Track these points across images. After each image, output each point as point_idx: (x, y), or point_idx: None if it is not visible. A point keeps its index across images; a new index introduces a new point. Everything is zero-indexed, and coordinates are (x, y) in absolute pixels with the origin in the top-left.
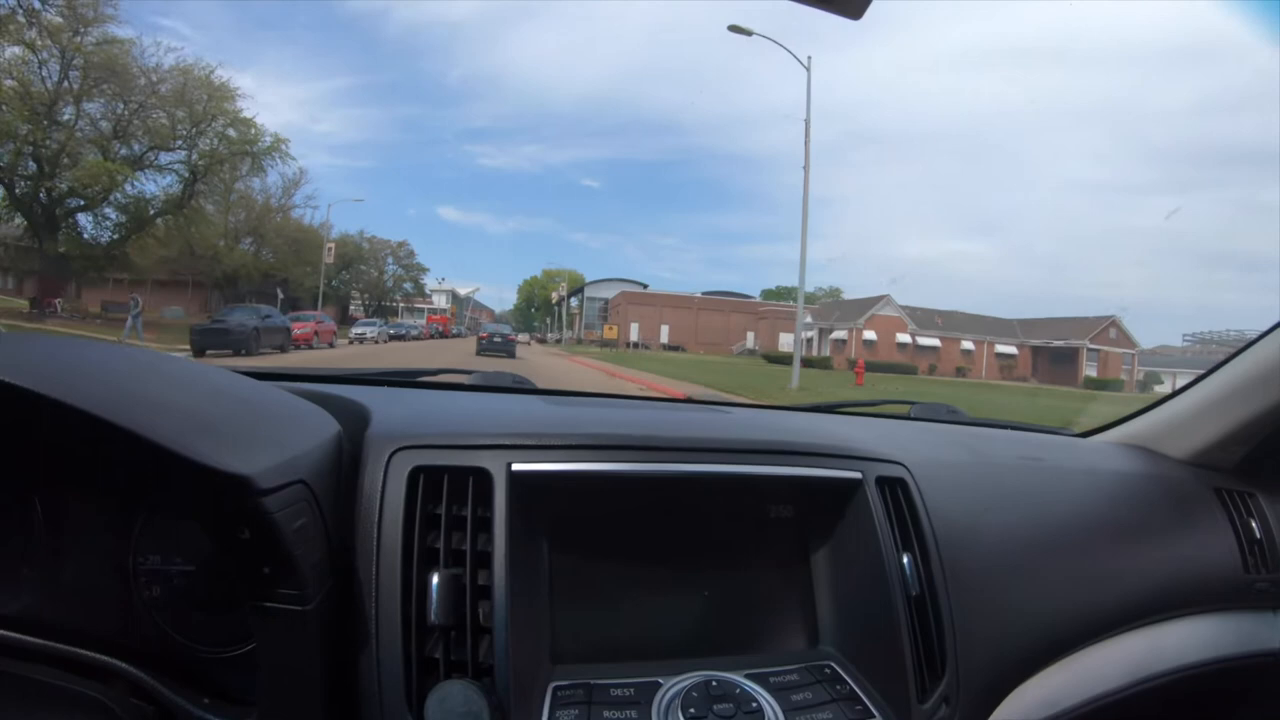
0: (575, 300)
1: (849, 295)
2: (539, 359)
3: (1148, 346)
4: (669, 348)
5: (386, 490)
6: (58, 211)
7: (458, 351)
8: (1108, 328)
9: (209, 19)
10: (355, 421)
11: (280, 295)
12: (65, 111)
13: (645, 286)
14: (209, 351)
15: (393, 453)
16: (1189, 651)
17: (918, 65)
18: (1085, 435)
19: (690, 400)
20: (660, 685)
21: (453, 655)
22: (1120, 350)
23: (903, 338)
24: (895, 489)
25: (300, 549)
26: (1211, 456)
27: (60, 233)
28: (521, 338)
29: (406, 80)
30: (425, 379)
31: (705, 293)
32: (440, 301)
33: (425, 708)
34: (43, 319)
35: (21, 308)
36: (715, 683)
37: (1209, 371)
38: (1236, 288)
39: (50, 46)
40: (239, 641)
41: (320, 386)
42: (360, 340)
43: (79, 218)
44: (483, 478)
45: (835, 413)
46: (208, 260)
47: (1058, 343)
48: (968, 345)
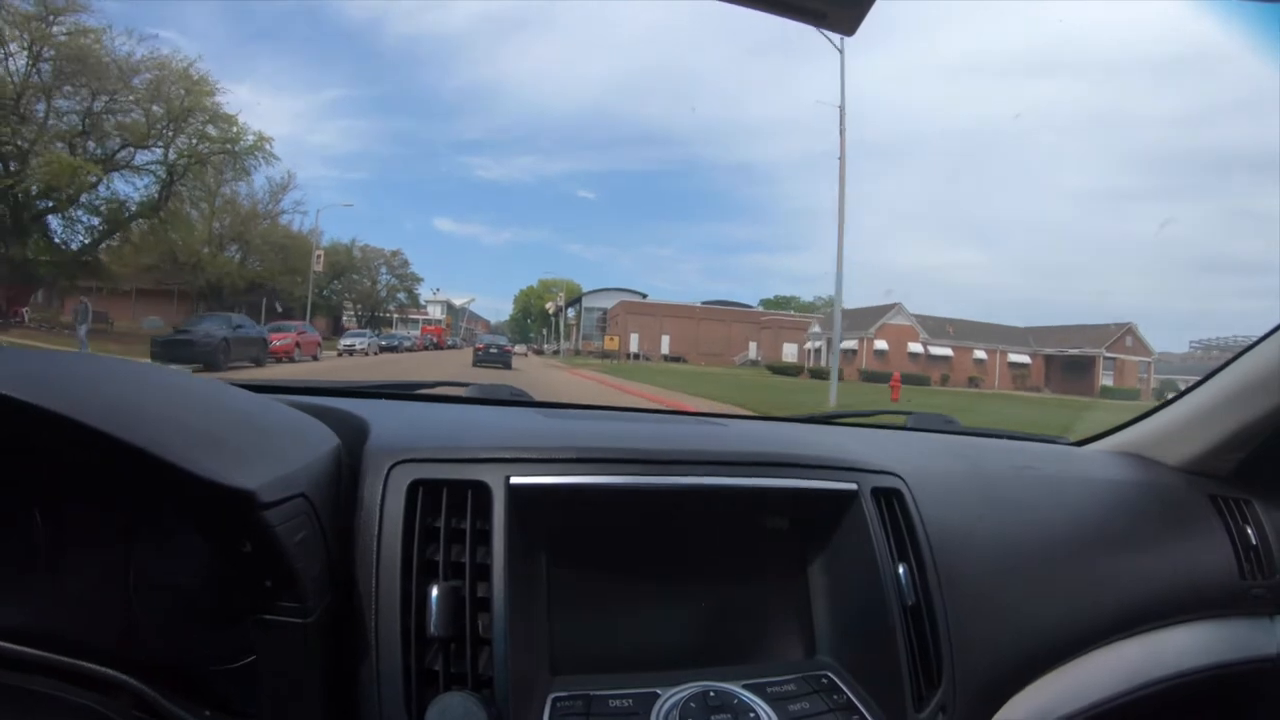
0: (572, 311)
1: (848, 305)
2: (538, 372)
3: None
4: (670, 359)
5: (386, 503)
6: (25, 215)
7: (453, 364)
8: (1124, 335)
9: (204, 29)
10: (354, 434)
11: (279, 307)
12: (36, 107)
13: (644, 296)
14: (172, 366)
15: (392, 466)
16: (1186, 658)
17: (909, 77)
18: (1080, 444)
19: (687, 412)
20: (659, 696)
21: (452, 667)
22: (1136, 358)
23: (914, 347)
24: (891, 500)
25: (301, 562)
26: (1207, 464)
27: (29, 237)
28: (518, 349)
29: (402, 92)
30: (423, 391)
31: (705, 302)
32: (435, 312)
33: (425, 719)
34: (4, 328)
35: None
36: (713, 693)
37: (1204, 379)
38: (1234, 293)
39: (20, 37)
40: (240, 654)
41: (319, 399)
42: (349, 352)
43: (49, 220)
44: (481, 491)
45: (832, 424)
46: (190, 268)
47: (1072, 351)
48: (980, 355)
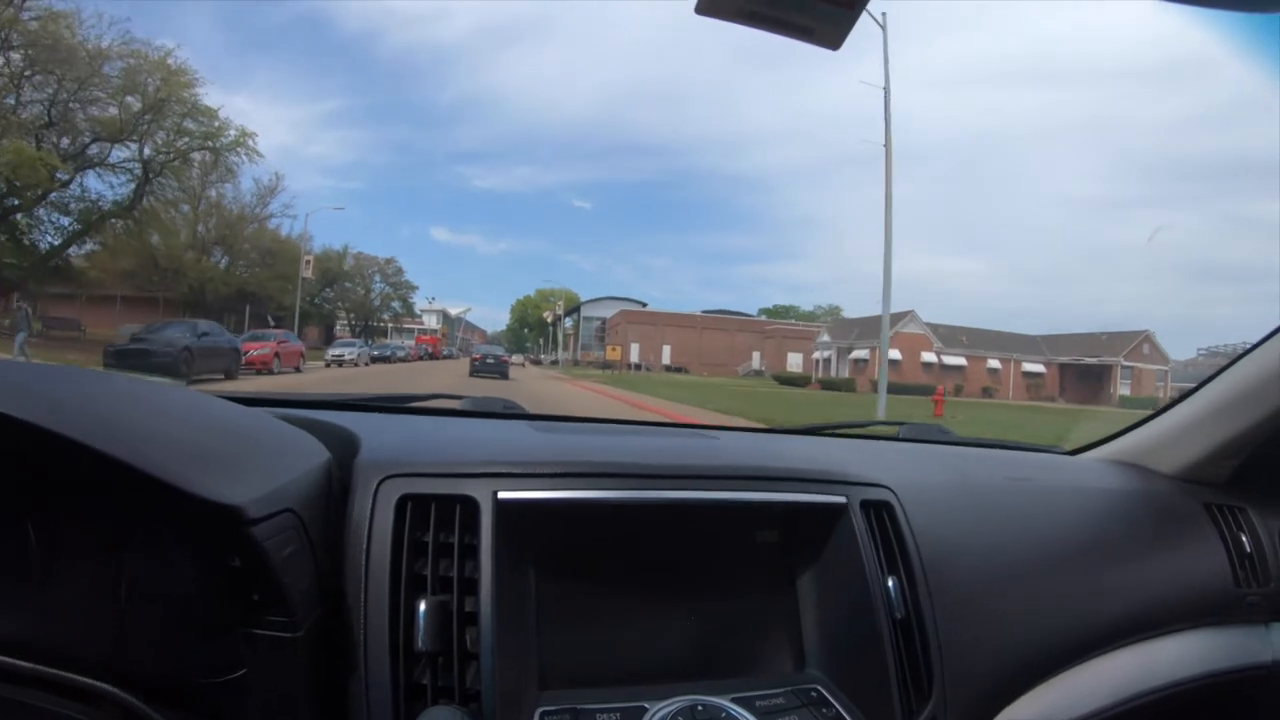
0: (570, 320)
1: (857, 313)
2: (538, 384)
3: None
4: (671, 369)
5: (375, 518)
6: None
7: (448, 375)
8: (1141, 343)
9: (202, 40)
10: (344, 448)
11: (271, 319)
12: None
13: (644, 305)
14: (155, 379)
15: (381, 481)
16: (1181, 667)
17: (902, 85)
18: (1074, 453)
19: (678, 425)
20: (647, 710)
21: (440, 681)
22: (1154, 366)
23: (928, 357)
24: (881, 512)
25: (289, 576)
26: (1201, 472)
27: None
28: (515, 359)
29: (399, 102)
30: (415, 404)
31: (706, 311)
32: (431, 322)
33: None
34: None
35: None
36: (701, 707)
37: (1197, 387)
38: (1230, 300)
39: None
40: (231, 666)
41: (309, 412)
42: (338, 363)
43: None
44: (469, 506)
45: (822, 435)
46: (173, 274)
47: (1089, 360)
48: (994, 364)
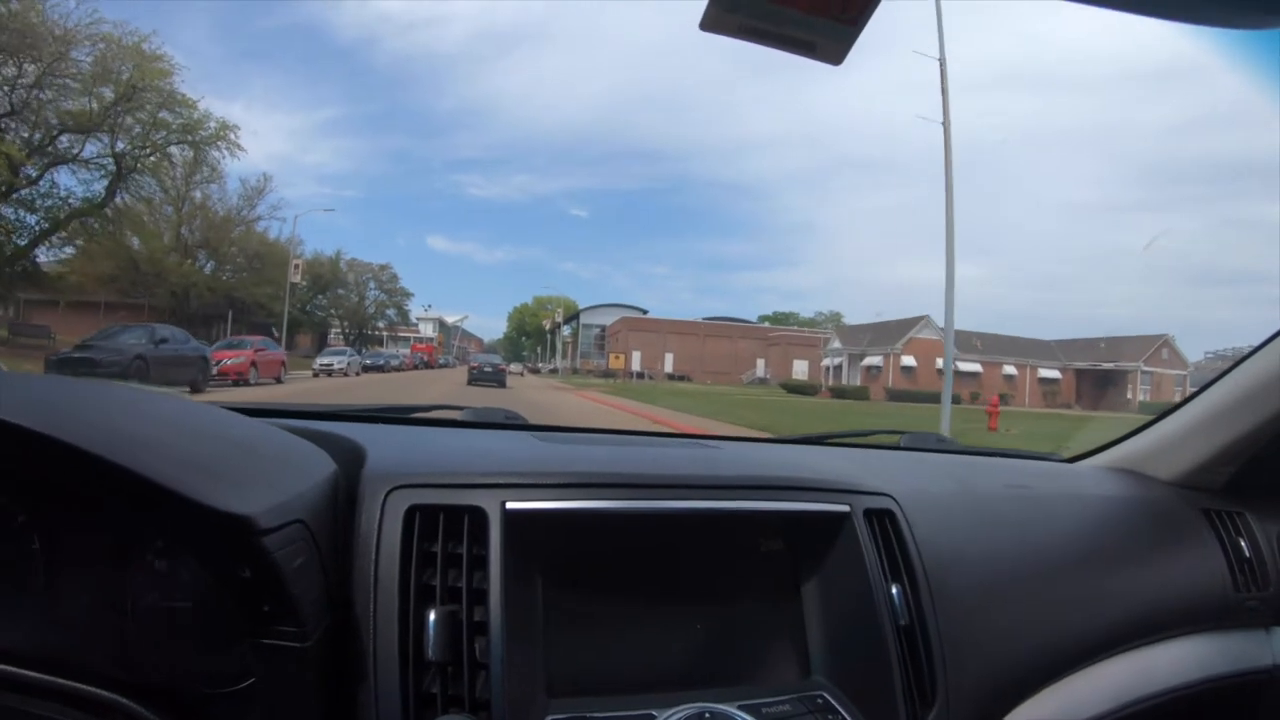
0: (568, 328)
1: (867, 319)
2: (540, 395)
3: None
4: (673, 377)
5: (383, 529)
6: None
7: (445, 384)
8: (1160, 347)
9: (199, 48)
10: (351, 460)
11: (274, 328)
12: None
13: (645, 312)
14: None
15: (389, 491)
16: (1181, 672)
17: (898, 91)
18: (1073, 460)
19: (681, 435)
20: (655, 717)
21: (450, 690)
22: (1173, 371)
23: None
24: (883, 520)
25: (299, 587)
26: (1199, 477)
27: None
28: (513, 368)
29: (396, 110)
30: (419, 415)
31: (707, 318)
32: (427, 330)
33: None
34: None
35: None
36: (709, 714)
37: (1195, 393)
38: (1229, 303)
39: None
40: (238, 677)
41: (315, 424)
42: (327, 372)
43: None
44: (478, 516)
45: (824, 444)
46: (153, 278)
47: (1106, 365)
48: (1010, 370)
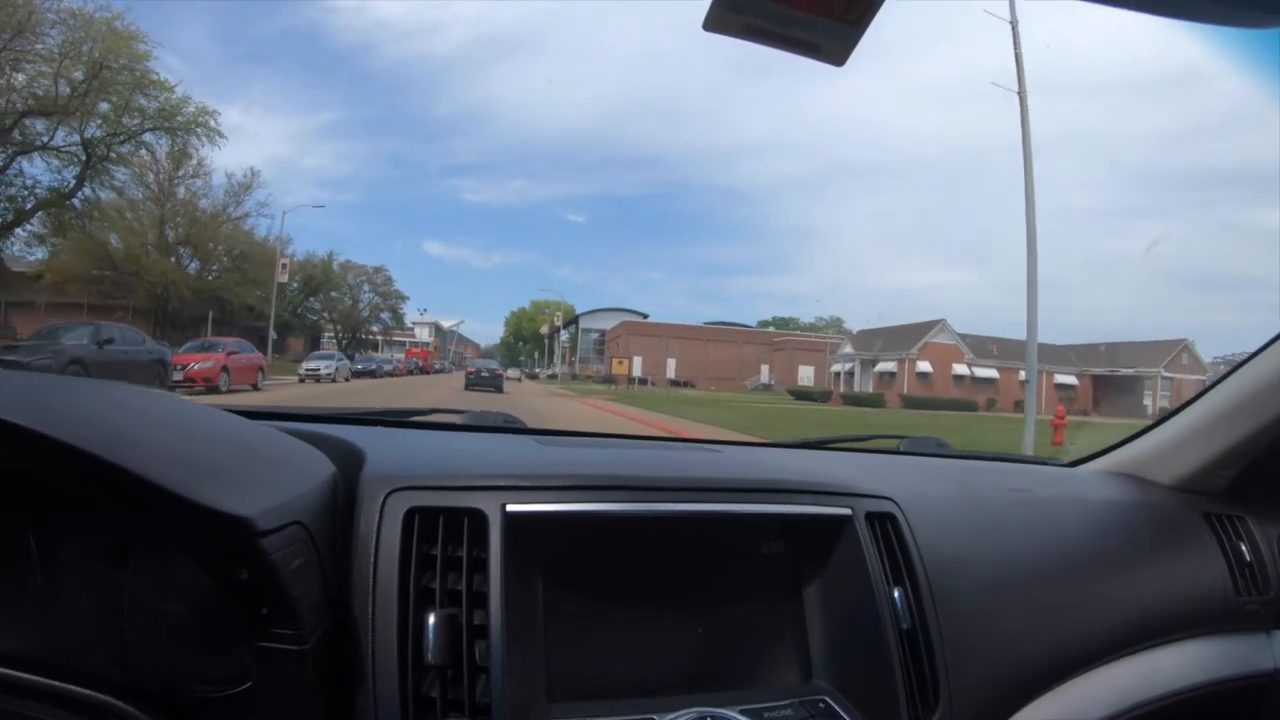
0: (566, 333)
1: (848, 326)
2: (541, 402)
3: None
4: (677, 383)
5: (382, 531)
6: None
7: (441, 390)
8: (1180, 352)
9: (197, 51)
10: (350, 462)
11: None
12: None
13: (645, 316)
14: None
15: (388, 494)
16: (1182, 676)
17: (894, 98)
18: (1073, 465)
19: (681, 439)
20: None
21: (449, 694)
22: (1193, 377)
23: (959, 369)
24: (885, 524)
25: (298, 590)
26: (1200, 481)
27: None
28: (511, 373)
29: (394, 115)
30: (418, 419)
31: (708, 323)
32: (423, 335)
33: None
34: None
35: None
36: (710, 718)
37: (1195, 397)
38: (1230, 308)
39: None
40: (236, 680)
41: (314, 426)
42: (314, 378)
43: None
44: (478, 519)
45: (824, 449)
46: (132, 277)
47: (1126, 371)
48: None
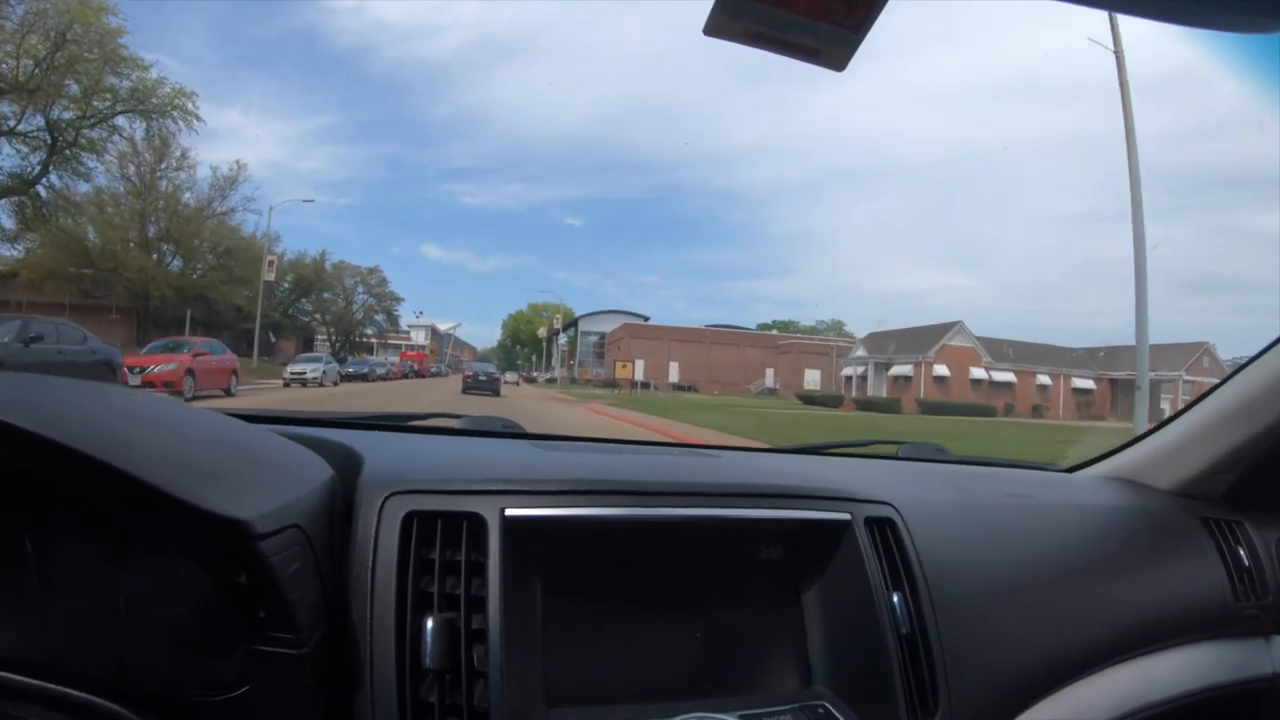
0: (565, 336)
1: (850, 329)
2: (542, 407)
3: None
4: (680, 387)
5: (380, 535)
6: None
7: (436, 394)
8: (1201, 356)
9: (195, 54)
10: (348, 466)
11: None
12: None
13: (646, 319)
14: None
15: (386, 498)
16: (1181, 681)
17: (891, 102)
18: (1072, 470)
19: (680, 444)
20: None
21: (447, 699)
22: (1214, 380)
23: (977, 373)
24: (884, 529)
25: (296, 593)
26: (1198, 486)
27: None
28: (509, 377)
29: (391, 118)
30: (416, 423)
31: (710, 325)
32: (419, 337)
33: None
34: None
35: None
36: None
37: (1193, 402)
38: (1229, 311)
39: None
40: (233, 684)
41: (312, 430)
42: (300, 382)
43: None
44: (476, 523)
45: (823, 454)
46: (109, 274)
47: (1149, 374)
48: (1043, 380)
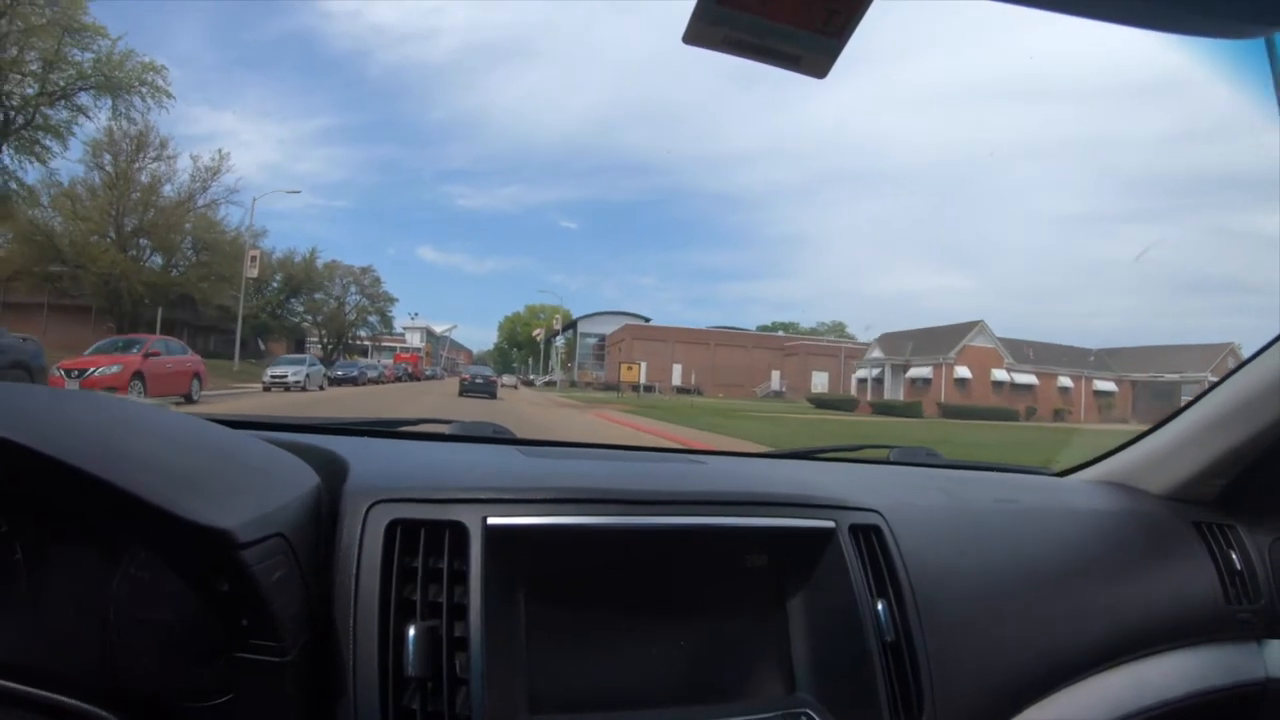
0: (562, 338)
1: (850, 331)
2: (549, 415)
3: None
4: (684, 390)
5: (364, 543)
6: None
7: (431, 399)
8: (1226, 356)
9: (192, 55)
10: (333, 473)
11: (226, 327)
12: None
13: (648, 320)
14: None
15: (370, 506)
16: (1172, 686)
17: (886, 105)
18: (1063, 474)
19: (667, 450)
20: None
21: (430, 706)
22: None
23: (999, 375)
24: (870, 536)
25: (278, 601)
26: (1191, 490)
27: None
28: (506, 380)
29: (387, 121)
30: (405, 429)
31: (713, 327)
32: (415, 340)
33: None
34: None
35: None
36: None
37: (1185, 406)
38: (1225, 312)
39: None
40: (217, 692)
41: (298, 436)
42: (282, 386)
43: None
44: (459, 531)
45: (813, 459)
46: (76, 270)
47: (1170, 376)
48: (1065, 382)
